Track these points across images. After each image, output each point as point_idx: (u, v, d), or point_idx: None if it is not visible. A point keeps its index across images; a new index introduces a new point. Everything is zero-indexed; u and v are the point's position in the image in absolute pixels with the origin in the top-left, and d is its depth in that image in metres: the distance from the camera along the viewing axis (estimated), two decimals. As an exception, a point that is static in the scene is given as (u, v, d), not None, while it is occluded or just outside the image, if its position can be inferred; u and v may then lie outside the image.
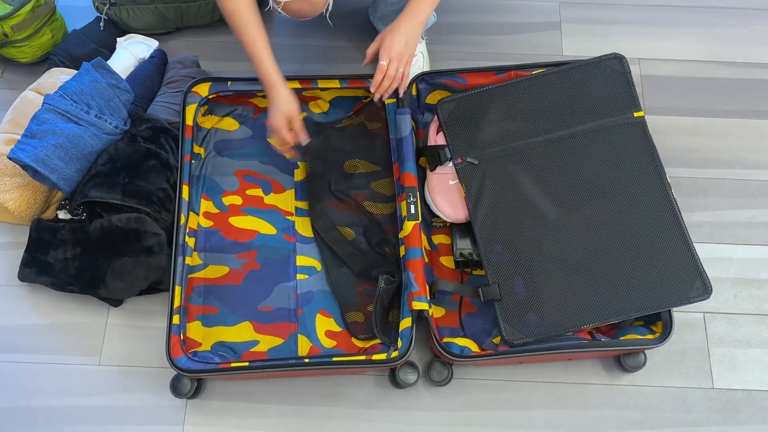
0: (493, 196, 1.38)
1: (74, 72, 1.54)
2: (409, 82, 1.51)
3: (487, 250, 1.35)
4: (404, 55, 1.36)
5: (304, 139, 1.42)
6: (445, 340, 1.34)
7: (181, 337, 1.31)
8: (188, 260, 1.39)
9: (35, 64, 1.66)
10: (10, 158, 1.34)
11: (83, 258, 1.38)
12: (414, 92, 1.50)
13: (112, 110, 1.44)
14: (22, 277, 1.41)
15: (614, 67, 1.45)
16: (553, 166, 1.40)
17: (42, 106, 1.39)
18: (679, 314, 1.45)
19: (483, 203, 1.37)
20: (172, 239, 1.39)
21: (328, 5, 1.33)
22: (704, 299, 1.27)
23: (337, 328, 1.40)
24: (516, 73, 1.47)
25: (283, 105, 1.36)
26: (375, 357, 1.28)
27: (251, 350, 1.38)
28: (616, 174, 1.37)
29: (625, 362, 1.37)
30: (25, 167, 1.36)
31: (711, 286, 1.28)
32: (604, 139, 1.40)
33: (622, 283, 1.29)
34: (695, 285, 1.28)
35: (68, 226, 1.39)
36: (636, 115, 1.41)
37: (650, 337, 1.31)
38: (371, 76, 1.52)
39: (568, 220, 1.35)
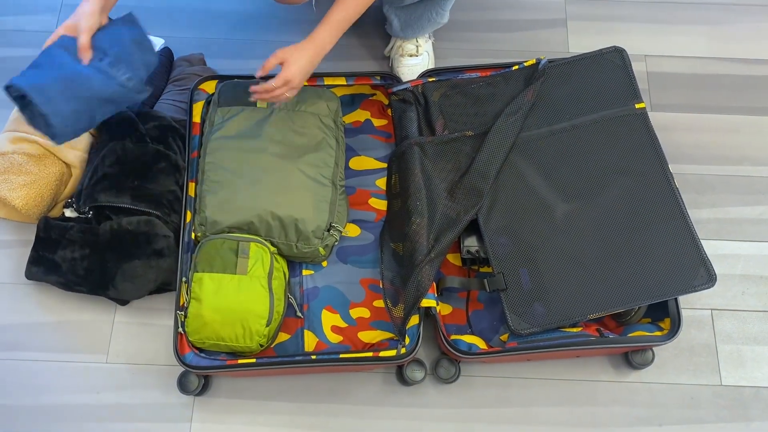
0: (497, 186, 1.38)
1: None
2: (415, 78, 1.52)
3: (492, 241, 1.35)
4: (298, 86, 1.32)
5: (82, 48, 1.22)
6: (453, 337, 1.34)
7: (189, 334, 1.31)
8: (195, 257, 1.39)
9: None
10: (5, 87, 1.20)
11: (92, 259, 1.38)
12: (420, 90, 1.50)
13: (129, 65, 1.26)
14: (29, 275, 1.41)
15: (615, 60, 1.47)
16: (556, 157, 1.40)
17: (56, 41, 1.24)
18: (687, 311, 1.45)
19: (487, 194, 1.37)
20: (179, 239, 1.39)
21: None
22: (709, 287, 1.27)
23: (342, 324, 1.40)
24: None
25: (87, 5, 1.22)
26: (382, 354, 1.28)
27: (258, 347, 1.38)
28: (619, 164, 1.38)
29: (632, 359, 1.37)
30: (20, 102, 1.21)
31: (715, 274, 1.28)
32: (606, 130, 1.41)
33: (626, 272, 1.30)
34: (699, 273, 1.28)
35: (77, 227, 1.39)
36: (637, 106, 1.42)
37: (658, 333, 1.31)
38: (377, 74, 1.53)
39: (571, 210, 1.35)
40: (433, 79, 1.51)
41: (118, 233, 1.37)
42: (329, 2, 1.31)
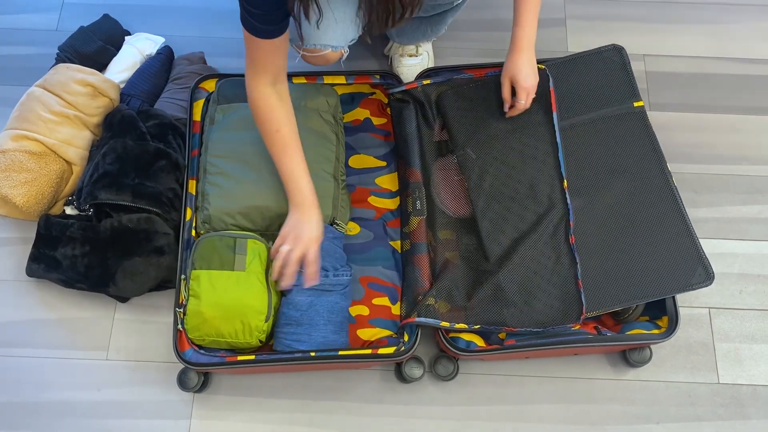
0: (495, 185, 1.38)
1: (80, 67, 1.54)
2: (414, 79, 1.52)
3: (490, 239, 1.35)
4: (534, 86, 1.36)
5: (312, 276, 1.27)
6: (451, 334, 1.34)
7: (188, 331, 1.32)
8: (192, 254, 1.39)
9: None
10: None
11: (92, 256, 1.38)
12: (419, 89, 1.51)
13: (337, 260, 1.35)
14: (30, 272, 1.42)
15: (613, 58, 1.47)
16: (556, 155, 1.41)
17: (291, 291, 1.31)
18: (685, 310, 1.45)
19: (484, 193, 1.38)
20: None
21: (342, 57, 1.33)
22: (707, 285, 1.28)
23: (342, 323, 1.40)
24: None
25: (315, 230, 1.28)
26: (381, 351, 1.29)
27: (257, 344, 1.38)
28: (617, 163, 1.39)
29: (630, 357, 1.37)
30: None
31: (713, 273, 1.29)
32: (604, 128, 1.42)
33: (624, 270, 1.30)
34: (697, 272, 1.29)
35: (77, 224, 1.40)
36: (636, 104, 1.43)
37: (656, 332, 1.31)
38: (377, 72, 1.54)
39: (570, 210, 1.36)
40: (429, 81, 1.51)
41: (118, 231, 1.38)
42: (356, 57, 1.28)
